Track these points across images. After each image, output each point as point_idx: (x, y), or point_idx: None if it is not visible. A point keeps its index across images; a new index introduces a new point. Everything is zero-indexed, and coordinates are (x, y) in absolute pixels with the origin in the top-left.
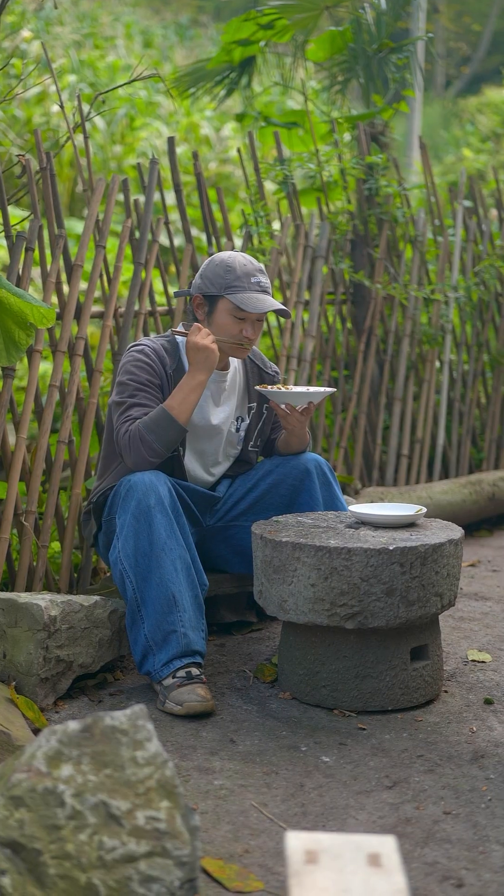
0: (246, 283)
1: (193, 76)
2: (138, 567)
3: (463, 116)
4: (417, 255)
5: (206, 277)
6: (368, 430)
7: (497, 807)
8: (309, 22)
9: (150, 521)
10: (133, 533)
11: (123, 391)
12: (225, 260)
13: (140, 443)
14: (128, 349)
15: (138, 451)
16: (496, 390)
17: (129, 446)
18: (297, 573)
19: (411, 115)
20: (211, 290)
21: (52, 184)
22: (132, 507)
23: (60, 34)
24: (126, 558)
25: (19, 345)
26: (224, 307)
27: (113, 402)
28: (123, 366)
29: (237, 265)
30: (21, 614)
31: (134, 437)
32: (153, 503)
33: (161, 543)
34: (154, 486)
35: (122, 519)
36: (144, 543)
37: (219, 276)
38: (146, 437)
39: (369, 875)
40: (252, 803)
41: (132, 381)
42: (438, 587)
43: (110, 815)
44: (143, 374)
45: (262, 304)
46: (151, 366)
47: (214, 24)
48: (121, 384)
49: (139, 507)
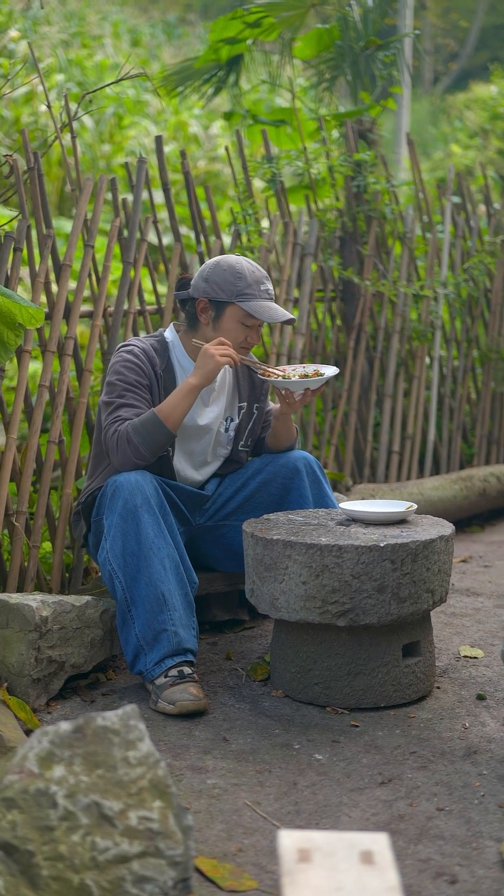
0: (256, 291)
1: (181, 75)
2: (127, 567)
3: (451, 113)
4: (406, 251)
5: (213, 282)
6: (359, 426)
7: (490, 803)
8: (296, 20)
9: (138, 521)
10: (121, 533)
11: (112, 391)
12: (233, 266)
13: (127, 444)
14: (117, 349)
15: (125, 453)
16: (486, 386)
17: (117, 447)
18: (289, 571)
19: (399, 111)
20: (220, 297)
21: (40, 183)
22: (119, 508)
23: (48, 33)
24: (115, 559)
25: (8, 345)
26: (233, 314)
27: (102, 402)
28: (112, 366)
29: (247, 272)
30: (12, 615)
31: (122, 438)
32: (140, 503)
33: (149, 543)
34: (140, 485)
35: (110, 519)
36: (132, 543)
37: (228, 283)
38: (133, 440)
39: (362, 873)
40: (245, 802)
41: (121, 382)
42: (430, 583)
43: (103, 815)
44: (132, 375)
45: (274, 313)
46: (140, 366)
47: (202, 23)
48: (110, 384)
49: (126, 507)
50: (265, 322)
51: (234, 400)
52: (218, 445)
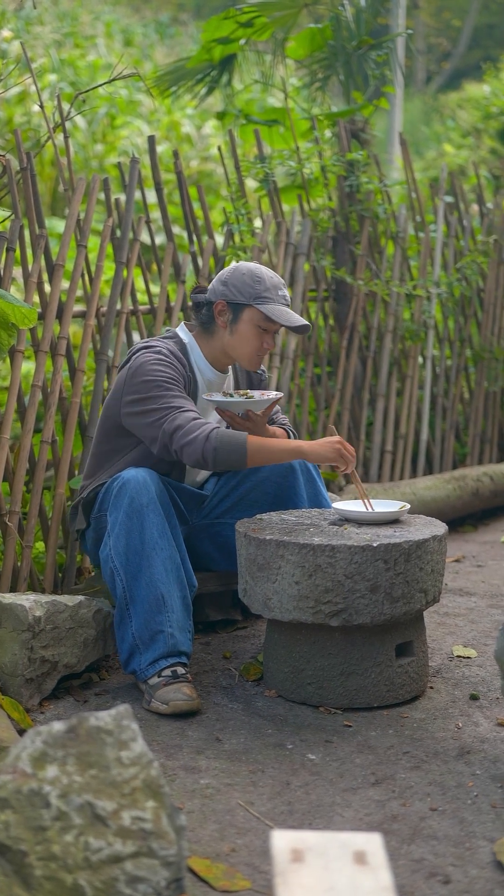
0: (274, 295)
1: (174, 75)
2: (129, 565)
3: (443, 112)
4: (399, 251)
5: (231, 285)
6: (352, 426)
7: (483, 803)
8: (288, 19)
9: (143, 520)
10: (125, 531)
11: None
12: (253, 270)
13: (205, 442)
14: (137, 352)
15: (193, 447)
16: (479, 385)
17: (194, 438)
18: (282, 571)
19: (392, 111)
20: (238, 299)
21: (32, 183)
22: (125, 505)
23: (40, 34)
24: (117, 556)
25: (1, 345)
26: (251, 317)
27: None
28: (141, 366)
29: (266, 277)
30: (5, 615)
31: (202, 435)
32: (146, 502)
33: (153, 543)
34: (147, 484)
35: (115, 516)
36: (136, 542)
37: (247, 286)
38: (212, 443)
39: (355, 873)
40: (238, 802)
41: (161, 377)
42: (423, 583)
43: (96, 815)
44: (169, 371)
45: (290, 317)
46: (173, 365)
47: (195, 23)
48: (146, 382)
49: (132, 505)
50: (281, 327)
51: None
52: None
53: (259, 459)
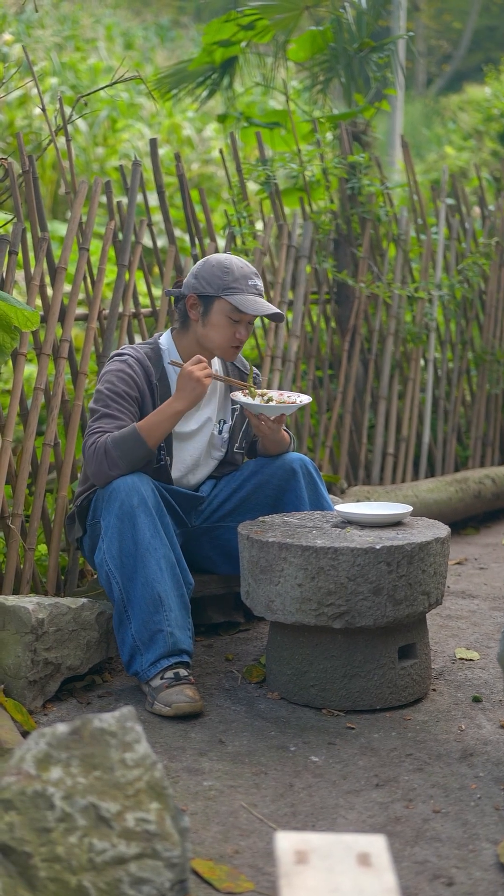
0: (243, 285)
1: (175, 77)
2: (124, 567)
3: (445, 114)
4: (401, 253)
5: (201, 278)
6: (354, 429)
7: (486, 805)
8: (289, 22)
9: (134, 522)
10: (117, 534)
11: (98, 400)
12: (222, 261)
13: (104, 456)
14: (111, 357)
15: (100, 464)
16: (481, 388)
17: (94, 457)
18: (284, 573)
19: (393, 113)
20: (207, 291)
21: (34, 187)
22: (116, 509)
23: (41, 37)
24: (111, 559)
25: (4, 348)
26: (220, 308)
27: (89, 409)
28: (105, 374)
29: (234, 267)
30: (8, 617)
31: (99, 449)
32: (136, 503)
33: (146, 543)
34: (137, 487)
35: (107, 521)
36: (129, 544)
37: (216, 277)
38: (112, 452)
39: (359, 875)
40: (242, 804)
41: (109, 391)
42: (425, 586)
43: (100, 817)
44: (122, 386)
45: (260, 306)
46: (133, 377)
47: (195, 25)
48: (98, 393)
49: (122, 508)
50: (253, 316)
51: (226, 402)
52: (212, 448)
53: (157, 436)
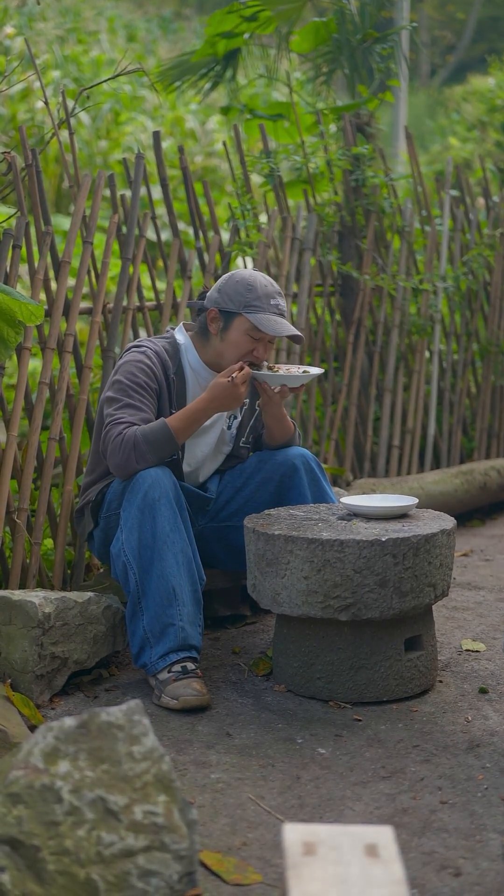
0: (265, 304)
1: (178, 70)
2: (142, 559)
3: (448, 105)
4: (405, 245)
5: (224, 293)
6: (359, 421)
7: (493, 795)
8: (292, 13)
9: (155, 514)
10: (137, 525)
11: (119, 390)
12: (246, 278)
13: (133, 449)
14: (128, 348)
15: (128, 456)
16: (486, 379)
17: (121, 448)
18: (290, 566)
19: (397, 104)
20: (229, 307)
21: (37, 180)
22: (138, 501)
23: (43, 30)
24: (130, 550)
25: (8, 342)
26: (240, 325)
27: (105, 399)
28: (123, 364)
29: (258, 285)
30: (15, 612)
31: (128, 441)
32: (158, 496)
33: (164, 536)
34: (160, 480)
35: (128, 511)
36: (148, 536)
37: (239, 294)
38: (141, 446)
39: (367, 865)
40: (249, 796)
41: (129, 381)
42: (431, 577)
43: (108, 810)
44: (142, 377)
45: (280, 327)
46: (152, 369)
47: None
48: (117, 382)
49: (145, 499)
50: (272, 336)
51: None
52: (221, 443)
53: (187, 434)
